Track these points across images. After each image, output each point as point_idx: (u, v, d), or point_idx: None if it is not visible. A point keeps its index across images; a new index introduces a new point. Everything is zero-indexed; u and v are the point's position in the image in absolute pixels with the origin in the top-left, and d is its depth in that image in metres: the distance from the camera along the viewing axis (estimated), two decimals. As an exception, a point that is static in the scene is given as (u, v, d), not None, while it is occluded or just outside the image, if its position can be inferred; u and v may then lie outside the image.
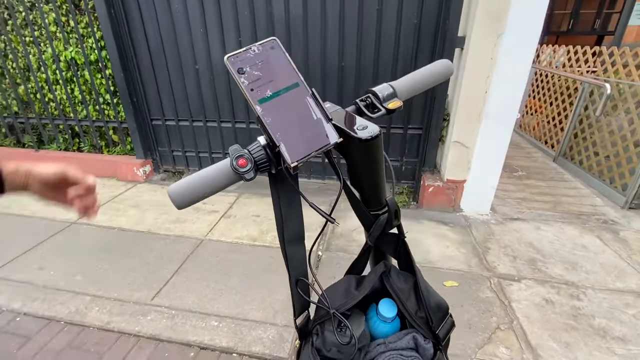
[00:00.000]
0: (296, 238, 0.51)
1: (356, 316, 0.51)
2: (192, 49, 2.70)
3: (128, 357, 1.44)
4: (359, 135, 0.41)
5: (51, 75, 2.97)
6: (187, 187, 0.43)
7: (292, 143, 0.42)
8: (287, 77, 0.43)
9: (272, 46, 0.44)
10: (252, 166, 0.43)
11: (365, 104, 0.51)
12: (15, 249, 2.12)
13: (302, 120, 0.43)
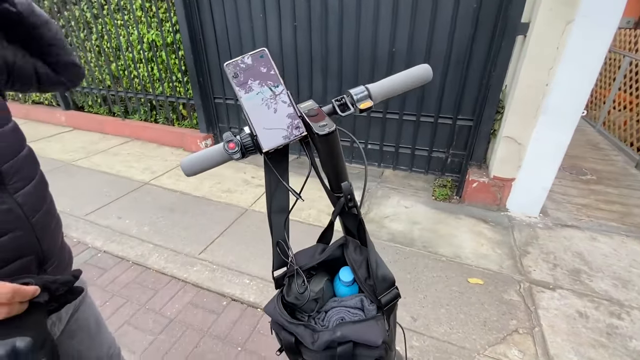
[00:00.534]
0: (280, 209, 0.62)
1: (319, 276, 0.61)
2: (251, 32, 2.90)
3: (176, 296, 1.74)
4: (317, 131, 0.50)
5: (136, 54, 3.43)
6: (193, 160, 0.57)
7: (266, 134, 0.52)
8: (269, 80, 0.54)
9: (262, 55, 0.54)
10: (238, 149, 0.55)
11: (339, 104, 0.58)
12: (103, 199, 2.61)
13: (277, 116, 0.53)
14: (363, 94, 0.57)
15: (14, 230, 0.54)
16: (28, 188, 0.58)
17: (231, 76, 0.53)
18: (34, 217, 0.58)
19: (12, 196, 0.55)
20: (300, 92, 3.00)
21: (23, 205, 0.56)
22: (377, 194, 2.66)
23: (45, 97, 4.45)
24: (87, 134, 4.04)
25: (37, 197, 0.61)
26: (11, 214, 0.54)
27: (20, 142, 0.61)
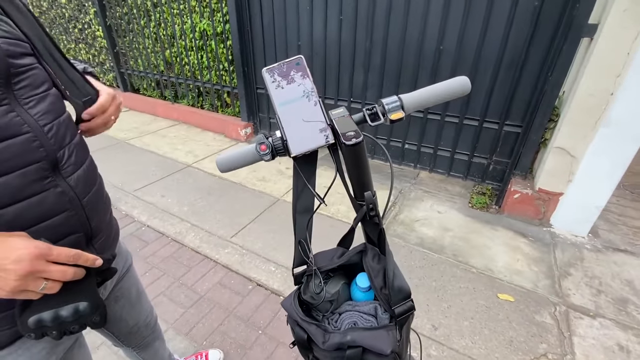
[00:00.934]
0: (305, 209, 0.65)
1: (336, 279, 0.63)
2: (297, 25, 2.92)
3: (207, 275, 1.86)
4: (344, 140, 0.51)
5: (188, 43, 3.62)
6: (228, 158, 0.61)
7: (296, 139, 0.54)
8: (303, 87, 0.55)
9: (298, 62, 0.56)
10: (269, 151, 0.58)
11: (370, 113, 0.59)
12: (150, 178, 2.82)
13: (307, 122, 0.55)
14: (395, 104, 0.57)
15: (67, 210, 0.58)
16: (79, 172, 0.62)
17: (269, 82, 0.56)
18: (85, 198, 0.62)
19: (65, 180, 0.58)
20: (340, 86, 2.99)
21: (75, 188, 0.60)
22: (410, 196, 2.60)
23: (107, 79, 4.86)
24: (140, 115, 4.36)
25: (86, 180, 0.64)
26: (64, 196, 0.58)
27: (73, 130, 0.65)
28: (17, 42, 0.55)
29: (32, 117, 0.53)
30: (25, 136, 0.52)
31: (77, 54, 4.92)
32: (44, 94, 0.58)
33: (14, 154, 0.50)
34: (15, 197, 0.51)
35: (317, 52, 2.94)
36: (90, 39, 4.59)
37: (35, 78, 0.56)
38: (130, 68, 4.39)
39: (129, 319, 0.92)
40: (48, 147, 0.55)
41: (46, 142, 0.55)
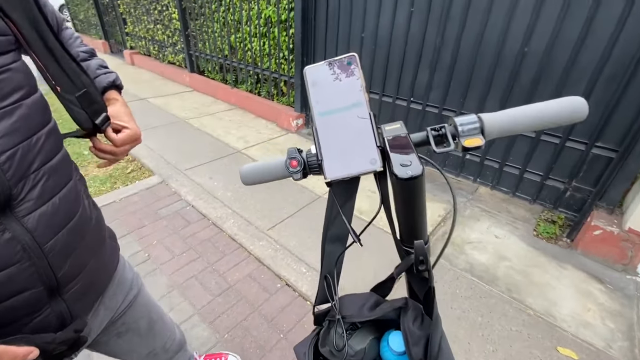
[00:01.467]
0: (336, 239, 0.54)
1: (364, 332, 0.51)
2: (363, 15, 2.76)
3: (239, 265, 1.86)
4: (395, 170, 0.38)
5: (253, 29, 3.65)
6: (252, 171, 0.52)
7: (334, 160, 0.43)
8: (351, 95, 0.44)
9: (350, 62, 0.44)
10: (300, 169, 0.47)
11: (436, 135, 0.45)
12: (200, 159, 2.92)
13: (351, 140, 0.43)
14: (472, 126, 0.43)
15: (17, 262, 0.43)
16: (44, 208, 0.46)
17: (310, 84, 0.45)
18: (49, 242, 0.47)
19: (19, 221, 0.44)
20: (401, 83, 2.78)
21: (34, 231, 0.45)
22: (465, 213, 2.34)
23: (177, 59, 5.15)
24: (202, 96, 4.56)
25: (55, 217, 0.48)
26: (15, 244, 0.43)
27: (52, 147, 0.50)
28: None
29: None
30: None
31: (154, 34, 5.28)
32: (12, 106, 0.44)
33: None
34: None
35: (381, 45, 2.76)
36: (166, 21, 4.89)
37: (0, 87, 0.43)
38: (198, 50, 4.59)
39: (141, 349, 0.82)
40: (0, 183, 0.41)
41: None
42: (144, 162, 2.82)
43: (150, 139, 3.21)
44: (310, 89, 0.45)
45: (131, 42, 6.06)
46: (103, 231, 0.63)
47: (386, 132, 0.46)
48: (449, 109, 2.59)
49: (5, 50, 0.44)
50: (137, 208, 2.29)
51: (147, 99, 4.33)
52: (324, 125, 0.44)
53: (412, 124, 2.82)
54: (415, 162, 0.39)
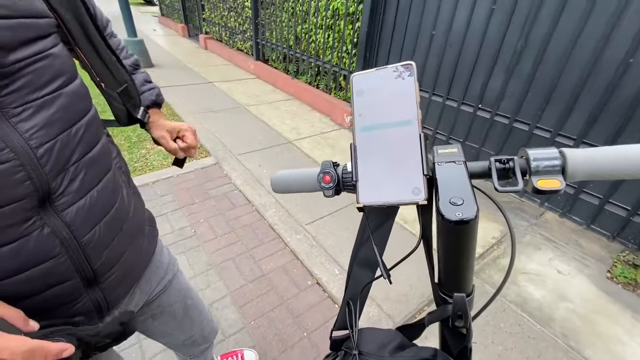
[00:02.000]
0: (366, 264, 0.49)
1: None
2: (437, 11, 2.57)
3: (274, 255, 1.88)
4: (442, 209, 0.32)
5: (319, 21, 3.63)
6: (284, 180, 0.49)
7: (370, 183, 0.38)
8: (402, 111, 0.37)
9: (405, 71, 0.38)
10: (333, 185, 0.43)
11: (501, 168, 0.37)
12: (253, 145, 3.02)
13: (394, 163, 0.37)
14: (551, 163, 0.34)
15: (55, 257, 0.42)
16: (82, 202, 0.45)
17: (355, 92, 0.40)
18: (86, 235, 0.46)
19: (58, 215, 0.42)
20: (469, 87, 2.55)
21: (71, 225, 0.44)
22: (524, 239, 2.10)
23: (245, 47, 5.36)
24: (263, 84, 4.70)
25: (93, 210, 0.47)
26: (53, 238, 0.42)
27: (92, 138, 0.49)
28: (23, 21, 0.39)
29: (22, 135, 0.38)
30: (5, 166, 0.37)
31: (227, 20, 5.55)
32: (51, 95, 0.41)
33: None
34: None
35: (452, 44, 2.55)
36: (239, 9, 5.09)
37: (39, 74, 0.40)
38: (265, 39, 4.72)
39: (178, 334, 0.81)
40: (38, 177, 0.40)
41: (36, 170, 0.39)
42: (203, 142, 2.99)
43: (212, 121, 3.40)
44: (354, 98, 0.40)
45: (206, 28, 6.46)
46: (141, 220, 0.62)
47: (438, 156, 0.39)
48: (522, 121, 2.32)
49: (45, 33, 0.42)
50: (190, 185, 2.44)
51: (213, 82, 4.59)
52: (365, 141, 0.39)
53: (477, 134, 2.59)
54: (469, 200, 0.32)
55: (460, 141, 2.71)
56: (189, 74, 4.92)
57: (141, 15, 10.40)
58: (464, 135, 2.67)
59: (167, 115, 3.53)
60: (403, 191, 0.36)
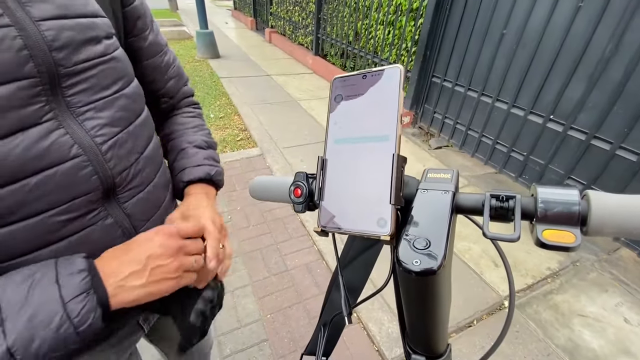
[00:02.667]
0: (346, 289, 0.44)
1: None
2: (510, 9, 2.30)
3: (301, 252, 1.88)
4: (399, 253, 0.25)
5: (381, 16, 3.50)
6: (261, 185, 0.46)
7: (335, 205, 0.33)
8: (380, 124, 0.31)
9: (388, 77, 0.31)
10: (303, 200, 0.38)
11: (498, 207, 0.29)
12: (299, 140, 3.04)
13: (364, 185, 0.31)
14: (567, 208, 0.26)
15: (114, 245, 0.43)
16: (141, 195, 0.48)
17: (333, 97, 0.35)
18: (143, 226, 0.48)
19: (120, 206, 0.45)
20: (541, 94, 2.25)
21: (132, 216, 0.46)
22: (589, 276, 1.80)
23: (305, 41, 5.42)
24: (319, 80, 4.71)
25: (150, 201, 0.50)
26: (116, 229, 0.44)
27: (147, 135, 0.51)
28: (83, 21, 0.39)
29: (88, 132, 0.40)
30: (74, 162, 0.38)
31: (292, 15, 5.66)
32: (113, 96, 0.43)
33: (52, 189, 0.37)
34: (37, 244, 0.38)
35: (525, 45, 2.27)
36: (304, 3, 5.15)
37: (103, 76, 0.41)
38: (326, 34, 4.71)
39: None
40: (104, 172, 0.41)
41: (102, 166, 0.41)
42: (252, 133, 3.11)
43: (263, 113, 3.51)
44: (331, 104, 0.35)
45: (272, 21, 6.67)
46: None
47: (425, 181, 0.33)
48: (603, 139, 1.98)
49: (105, 34, 0.42)
50: (234, 173, 2.55)
51: (271, 75, 4.73)
52: (336, 155, 0.34)
53: (545, 148, 2.28)
54: (437, 244, 0.25)
55: (524, 155, 2.41)
56: (251, 65, 5.13)
57: (217, 9, 11.15)
58: (529, 149, 2.37)
59: (224, 105, 3.73)
60: (368, 220, 0.30)
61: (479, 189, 2.45)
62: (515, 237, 0.26)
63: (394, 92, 0.31)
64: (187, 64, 4.99)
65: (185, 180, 0.57)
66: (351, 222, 0.31)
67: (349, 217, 0.32)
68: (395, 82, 0.31)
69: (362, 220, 0.31)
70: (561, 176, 2.22)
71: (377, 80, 0.32)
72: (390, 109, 0.31)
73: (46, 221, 0.37)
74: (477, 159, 2.83)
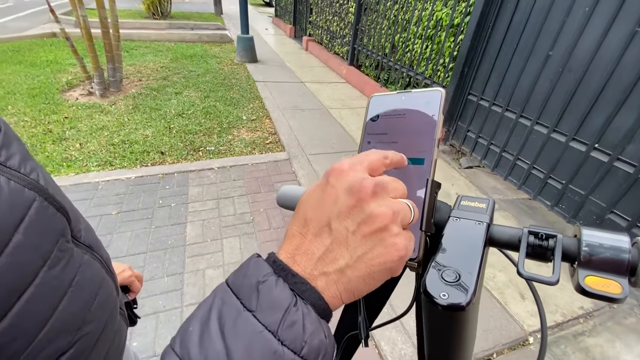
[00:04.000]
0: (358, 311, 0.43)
1: None
2: (559, 30, 2.20)
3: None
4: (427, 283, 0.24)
5: (420, 30, 3.47)
6: (289, 195, 0.46)
7: None
8: (417, 147, 0.30)
9: (430, 100, 0.31)
10: None
11: (537, 244, 0.27)
12: (326, 147, 3.05)
13: None
14: (615, 254, 0.24)
15: (103, 280, 0.38)
16: (84, 221, 0.40)
17: (369, 116, 0.35)
18: (104, 254, 0.42)
19: (82, 244, 0.36)
20: (586, 121, 2.12)
21: (93, 247, 0.39)
22: (626, 321, 1.66)
23: (341, 51, 5.47)
24: (351, 90, 4.73)
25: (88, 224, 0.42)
26: (94, 263, 0.37)
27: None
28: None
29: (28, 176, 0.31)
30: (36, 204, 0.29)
31: (330, 24, 5.74)
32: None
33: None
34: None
35: (572, 69, 2.16)
36: (343, 14, 5.21)
37: None
38: (362, 45, 4.73)
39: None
40: (60, 205, 0.33)
41: (54, 198, 0.33)
42: (281, 137, 3.16)
43: (294, 119, 3.56)
44: (367, 122, 0.35)
45: (310, 30, 6.80)
46: None
47: (458, 208, 0.31)
48: (654, 173, 1.83)
49: None
50: (260, 175, 2.59)
51: (305, 82, 4.81)
52: None
53: (587, 178, 2.14)
54: (468, 279, 0.24)
55: (562, 183, 2.28)
56: (286, 71, 5.25)
57: (259, 15, 11.54)
58: (569, 177, 2.23)
59: (257, 108, 3.83)
60: None
61: (509, 215, 2.34)
62: (554, 280, 0.24)
63: (433, 116, 0.30)
64: (226, 67, 5.18)
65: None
66: None
67: None
68: (436, 105, 0.30)
69: None
70: (602, 209, 2.07)
71: (416, 101, 0.32)
72: (428, 132, 0.30)
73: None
74: (509, 183, 2.70)
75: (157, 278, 1.66)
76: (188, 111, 3.52)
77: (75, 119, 3.12)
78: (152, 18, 7.77)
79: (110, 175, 2.39)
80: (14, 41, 5.33)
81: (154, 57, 5.25)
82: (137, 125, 3.13)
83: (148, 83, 4.18)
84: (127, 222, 1.99)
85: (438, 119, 0.30)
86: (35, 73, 4.06)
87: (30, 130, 2.86)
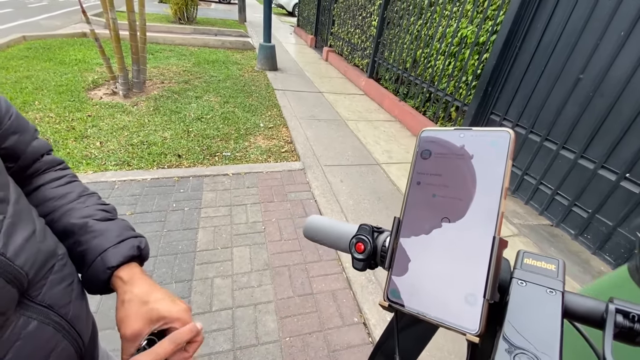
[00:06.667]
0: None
1: None
2: (591, 52, 2.13)
3: (328, 277, 1.81)
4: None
5: (443, 47, 3.43)
6: (316, 227, 0.43)
7: (406, 280, 0.28)
8: (480, 196, 0.26)
9: (496, 142, 0.27)
10: (365, 258, 0.34)
11: (627, 325, 0.22)
12: (341, 159, 3.02)
13: (446, 264, 0.26)
14: None
15: (55, 348, 0.36)
16: (54, 275, 0.39)
17: (419, 152, 0.31)
18: (69, 309, 0.40)
19: (38, 304, 0.36)
20: (616, 149, 2.03)
21: (54, 306, 0.37)
22: None
23: (361, 63, 5.47)
24: (369, 102, 4.70)
25: (63, 274, 0.41)
26: (42, 330, 0.35)
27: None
28: None
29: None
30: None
31: (351, 37, 5.77)
32: None
33: None
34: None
35: (604, 94, 2.07)
36: (365, 27, 5.23)
37: None
38: (383, 58, 4.72)
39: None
40: (15, 274, 0.34)
41: (10, 269, 0.34)
42: (297, 146, 3.14)
43: (310, 128, 3.55)
44: (417, 159, 0.31)
45: (331, 41, 6.85)
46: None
47: (521, 268, 0.27)
48: (692, 209, 1.71)
49: None
50: (274, 184, 2.57)
51: (323, 93, 4.81)
52: (415, 221, 0.29)
53: (615, 207, 2.04)
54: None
55: (588, 212, 2.17)
56: (305, 81, 5.27)
57: (281, 24, 11.74)
58: (595, 206, 2.13)
59: (274, 116, 3.84)
60: (450, 309, 0.25)
61: (530, 241, 2.24)
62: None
63: (499, 161, 0.26)
64: (246, 73, 5.25)
65: (114, 265, 0.44)
66: (428, 305, 0.26)
67: (424, 298, 0.27)
68: (503, 149, 0.26)
69: (442, 306, 0.26)
70: (632, 242, 1.95)
71: (478, 141, 0.28)
72: (493, 179, 0.26)
73: None
74: (531, 207, 2.60)
75: (165, 284, 1.64)
76: (207, 115, 3.56)
77: (98, 117, 3.19)
78: (178, 23, 8.00)
79: (127, 176, 2.41)
80: (46, 39, 5.55)
81: (177, 61, 5.37)
82: (156, 127, 3.17)
83: (170, 86, 4.26)
84: (140, 224, 1.99)
85: (505, 165, 0.26)
86: (63, 71, 4.20)
87: (54, 126, 2.93)
